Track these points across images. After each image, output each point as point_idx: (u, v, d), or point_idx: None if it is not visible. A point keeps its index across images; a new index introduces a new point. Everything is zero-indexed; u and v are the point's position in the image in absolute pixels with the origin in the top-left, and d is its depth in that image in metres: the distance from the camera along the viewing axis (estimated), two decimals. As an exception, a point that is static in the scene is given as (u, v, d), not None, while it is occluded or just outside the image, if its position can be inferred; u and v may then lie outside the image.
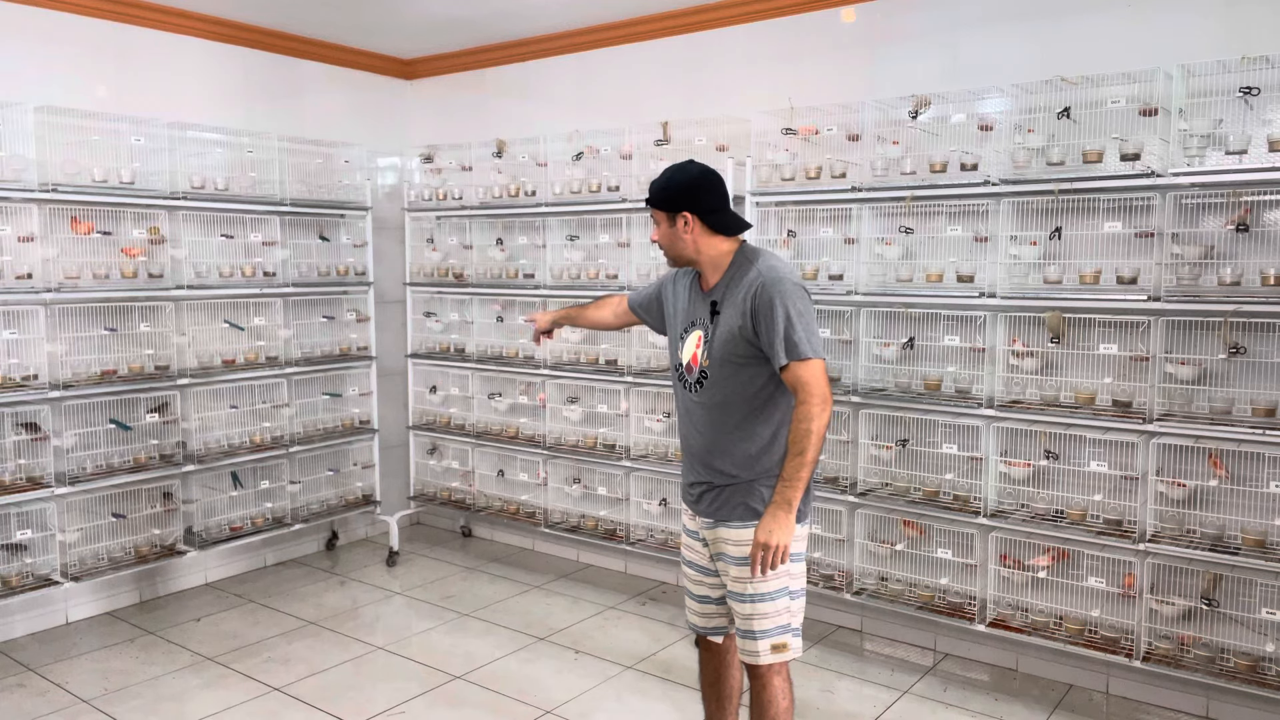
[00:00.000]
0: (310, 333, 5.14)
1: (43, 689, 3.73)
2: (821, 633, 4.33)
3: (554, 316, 3.29)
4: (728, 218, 2.62)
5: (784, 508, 2.42)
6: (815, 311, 2.53)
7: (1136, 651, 3.38)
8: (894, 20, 4.12)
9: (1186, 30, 3.46)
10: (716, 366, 2.57)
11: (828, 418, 2.44)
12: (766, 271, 2.51)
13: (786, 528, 2.40)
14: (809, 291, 2.53)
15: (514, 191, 5.01)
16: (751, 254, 2.61)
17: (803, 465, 2.42)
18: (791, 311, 2.44)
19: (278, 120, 5.08)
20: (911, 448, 3.93)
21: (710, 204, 2.60)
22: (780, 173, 4.12)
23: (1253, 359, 3.26)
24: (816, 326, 2.49)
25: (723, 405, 2.58)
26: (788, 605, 2.58)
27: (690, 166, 2.66)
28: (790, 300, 2.45)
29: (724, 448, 2.60)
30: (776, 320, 2.44)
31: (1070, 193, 3.47)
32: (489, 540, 5.79)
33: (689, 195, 2.59)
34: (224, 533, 4.67)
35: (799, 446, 2.42)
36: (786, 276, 2.50)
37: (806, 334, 2.43)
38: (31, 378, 3.99)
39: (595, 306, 3.22)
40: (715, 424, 2.61)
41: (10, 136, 3.87)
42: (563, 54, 5.23)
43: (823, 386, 2.43)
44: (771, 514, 2.42)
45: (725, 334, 2.54)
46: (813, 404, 2.41)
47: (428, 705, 3.62)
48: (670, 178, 2.64)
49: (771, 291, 2.46)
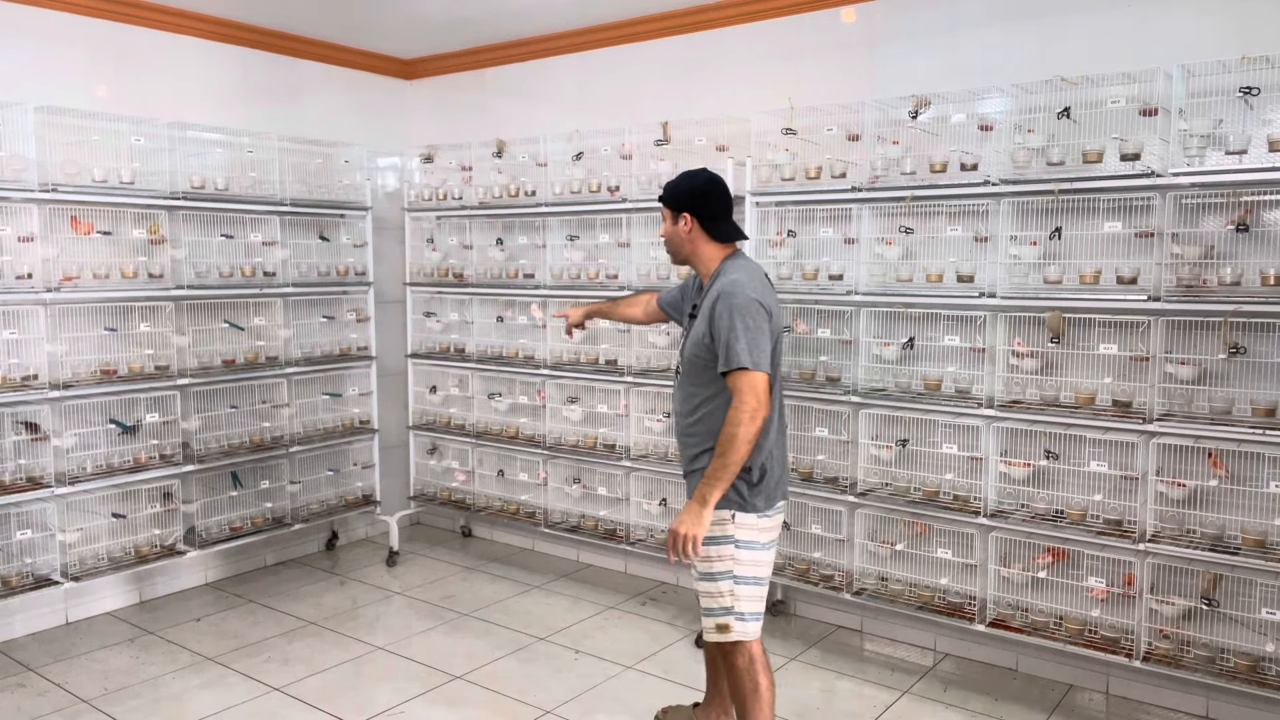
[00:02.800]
0: (310, 333, 5.14)
1: (43, 689, 3.73)
2: (821, 633, 4.33)
3: (586, 311, 3.55)
4: (725, 226, 2.85)
5: (698, 501, 2.63)
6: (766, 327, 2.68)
7: (1136, 651, 3.38)
8: (894, 20, 4.12)
9: (1186, 30, 3.46)
10: (686, 363, 2.87)
11: (756, 427, 2.61)
12: (728, 284, 2.72)
13: (696, 519, 2.62)
14: (766, 305, 2.71)
15: (514, 191, 5.01)
16: (730, 265, 2.83)
17: (723, 466, 2.61)
18: (738, 324, 2.63)
19: (277, 120, 5.08)
20: (911, 448, 3.93)
21: (711, 211, 2.83)
22: (780, 173, 4.12)
23: (1253, 359, 3.26)
24: (763, 342, 2.65)
25: (687, 399, 2.86)
26: (731, 589, 2.77)
27: (701, 173, 2.91)
28: (738, 313, 2.64)
29: (685, 432, 2.88)
30: (723, 330, 2.65)
31: (1070, 193, 3.47)
32: (489, 540, 5.79)
33: (693, 199, 2.84)
34: (224, 533, 4.67)
35: (722, 448, 2.62)
36: (742, 291, 2.68)
37: (748, 347, 2.61)
38: (31, 378, 3.99)
39: (627, 303, 3.48)
40: (682, 414, 2.90)
41: (10, 136, 3.87)
42: (563, 54, 5.23)
43: (754, 396, 2.60)
44: (687, 505, 2.66)
45: (695, 335, 2.81)
46: (742, 410, 2.60)
47: (428, 705, 3.62)
48: (680, 180, 2.90)
49: (727, 303, 2.67)
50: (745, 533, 2.76)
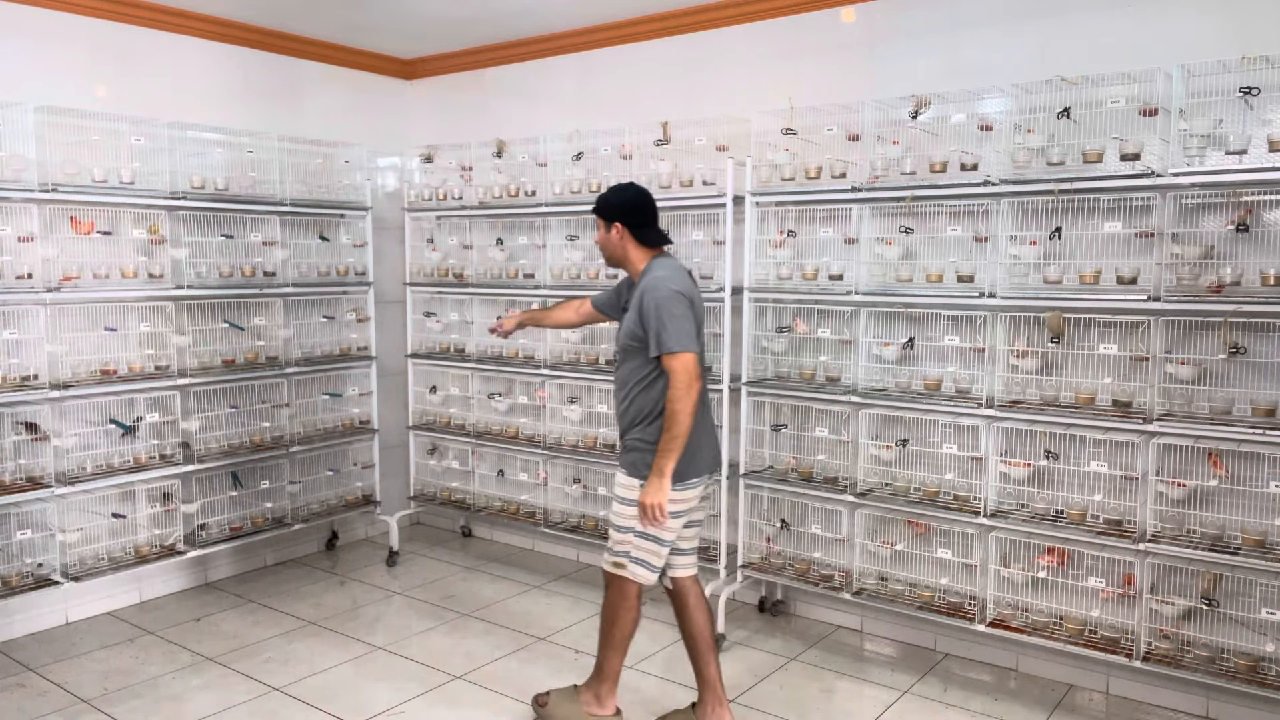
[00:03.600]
0: (310, 333, 5.14)
1: (43, 689, 3.73)
2: (821, 633, 4.33)
3: (519, 319, 3.83)
4: (651, 233, 3.26)
5: (658, 474, 3.03)
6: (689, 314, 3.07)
7: (1136, 651, 3.39)
8: (894, 20, 4.12)
9: (1186, 30, 3.46)
10: (620, 352, 3.25)
11: (692, 400, 3.00)
12: (652, 281, 3.11)
13: (658, 489, 3.03)
14: (688, 296, 3.10)
15: (514, 191, 5.01)
16: (656, 264, 3.21)
17: (672, 438, 3.00)
18: (664, 314, 3.02)
19: (277, 120, 5.09)
20: (911, 448, 3.93)
21: (638, 220, 3.23)
22: (780, 173, 4.12)
23: (1253, 359, 3.26)
24: (687, 327, 3.05)
25: (622, 383, 3.24)
26: (632, 539, 3.17)
27: (630, 188, 3.31)
28: (663, 305, 3.03)
29: (624, 413, 3.23)
30: (651, 320, 3.04)
31: (1070, 193, 3.47)
32: (489, 540, 5.79)
33: (622, 210, 3.23)
34: (224, 533, 4.67)
35: (668, 423, 3.01)
36: (665, 285, 3.07)
37: (675, 333, 3.01)
38: (31, 378, 3.99)
39: (559, 309, 3.77)
40: (618, 397, 3.27)
41: (10, 136, 3.86)
42: (563, 54, 5.23)
43: (686, 374, 3.00)
44: (650, 479, 3.05)
45: (626, 326, 3.19)
46: (678, 388, 2.99)
47: (428, 705, 3.62)
48: (611, 194, 3.28)
49: (653, 296, 3.06)
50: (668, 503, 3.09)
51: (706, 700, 3.32)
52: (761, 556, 4.32)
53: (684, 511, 3.18)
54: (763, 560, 4.31)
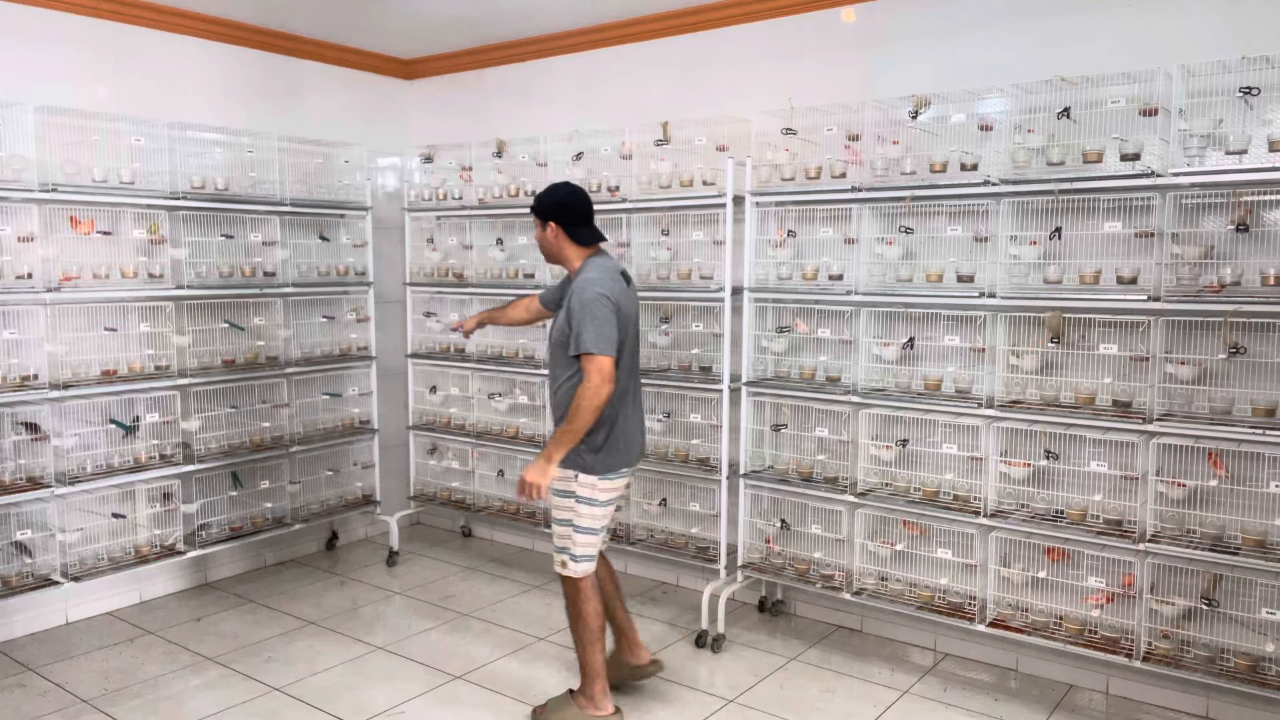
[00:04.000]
0: (310, 333, 5.14)
1: (43, 689, 3.73)
2: (821, 633, 4.33)
3: (478, 319, 4.00)
4: (585, 231, 3.33)
5: (544, 458, 3.18)
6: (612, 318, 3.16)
7: (1136, 651, 3.38)
8: (894, 20, 4.12)
9: (1186, 30, 3.46)
10: (553, 347, 3.36)
11: (599, 400, 3.11)
12: (581, 282, 3.22)
13: (541, 472, 3.17)
14: (613, 299, 3.19)
15: (514, 191, 5.01)
16: (589, 264, 3.30)
17: (567, 430, 3.15)
18: (586, 316, 3.13)
19: (277, 120, 5.09)
20: (911, 448, 3.93)
21: (572, 219, 3.30)
22: (780, 173, 4.12)
23: (1253, 359, 3.25)
24: (608, 331, 3.14)
25: (554, 378, 3.35)
26: (569, 534, 3.31)
27: (563, 186, 3.39)
28: (586, 307, 3.14)
29: (554, 409, 3.36)
30: (575, 321, 3.15)
31: (1070, 193, 3.47)
32: (489, 540, 5.79)
33: (556, 209, 3.31)
34: (224, 533, 4.67)
35: (569, 416, 3.15)
36: (591, 288, 3.18)
37: (594, 336, 3.11)
38: (31, 378, 3.99)
39: (513, 306, 3.89)
40: (552, 390, 3.39)
41: (10, 136, 3.86)
42: (563, 54, 5.23)
43: (599, 375, 3.11)
44: (537, 460, 3.19)
45: (558, 324, 3.31)
46: (588, 386, 3.11)
47: (428, 705, 3.62)
48: (546, 194, 3.36)
49: (579, 298, 3.17)
50: (585, 490, 3.28)
51: (623, 647, 3.66)
52: (761, 556, 4.32)
53: (614, 499, 3.37)
54: (763, 560, 4.31)
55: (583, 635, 3.38)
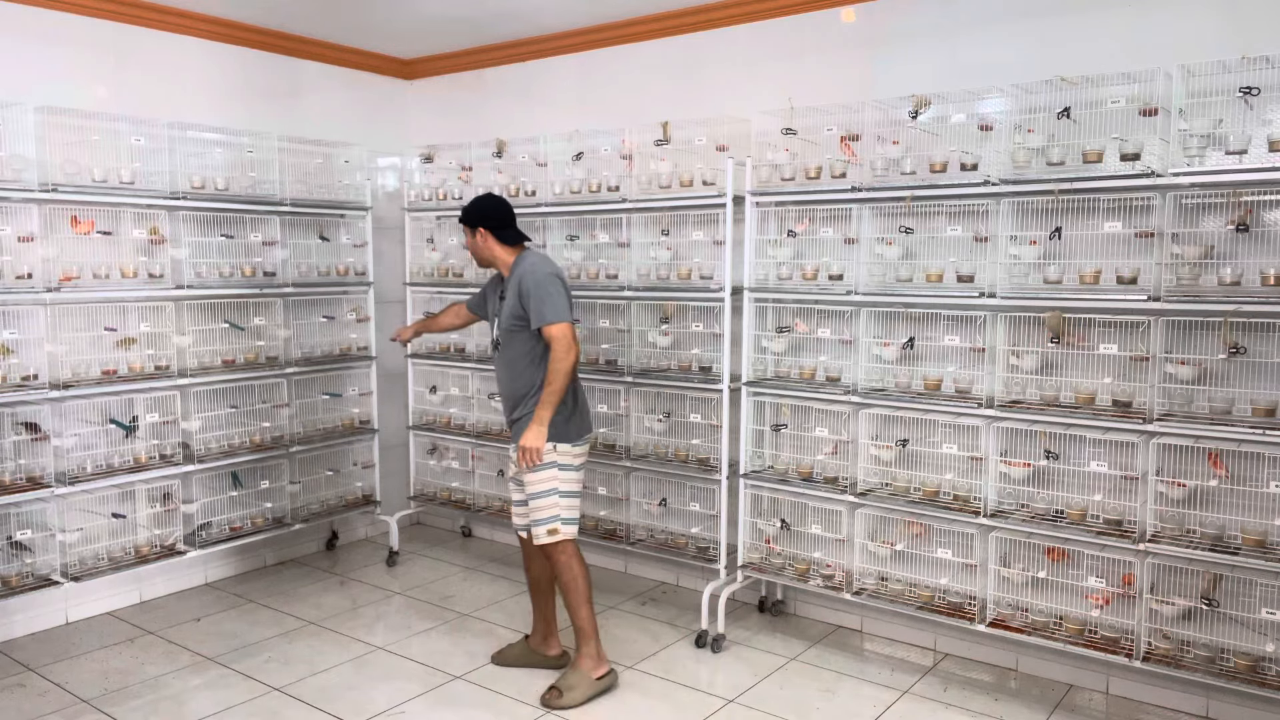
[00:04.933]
0: (310, 333, 5.14)
1: (43, 689, 3.73)
2: (821, 633, 4.33)
3: (415, 328, 4.39)
4: (511, 233, 3.71)
5: (537, 421, 3.49)
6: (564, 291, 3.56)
7: (1136, 651, 3.38)
8: (894, 20, 4.12)
9: (1186, 30, 3.46)
10: (504, 334, 3.67)
11: (571, 361, 3.48)
12: (528, 269, 3.58)
13: (538, 435, 3.48)
14: (561, 278, 3.61)
15: (514, 191, 5.01)
16: (524, 258, 3.66)
17: (552, 392, 3.47)
18: (541, 292, 3.50)
19: (277, 120, 5.09)
20: (911, 448, 3.93)
21: (496, 224, 3.68)
22: (780, 173, 4.12)
23: (1253, 359, 3.25)
24: (563, 302, 3.53)
25: (510, 364, 3.66)
26: (556, 501, 3.58)
27: (488, 197, 3.78)
28: (540, 285, 3.51)
29: (515, 390, 3.66)
30: (532, 299, 3.51)
31: (1070, 193, 3.47)
32: (489, 540, 5.79)
33: (482, 216, 3.69)
34: (224, 533, 4.67)
35: (549, 380, 3.48)
36: (540, 270, 3.57)
37: (552, 307, 3.49)
38: (31, 378, 3.99)
39: (443, 313, 4.26)
40: (506, 378, 3.70)
41: (10, 136, 3.86)
42: (563, 54, 5.23)
43: (566, 339, 3.48)
44: (530, 426, 3.50)
45: (507, 312, 3.61)
46: (558, 350, 3.47)
47: (428, 705, 3.62)
48: (473, 204, 3.73)
49: (531, 279, 3.54)
50: (564, 458, 3.59)
51: (538, 632, 3.91)
52: (761, 556, 4.32)
53: (581, 465, 3.68)
54: (763, 560, 4.31)
55: (577, 597, 3.61)
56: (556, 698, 3.55)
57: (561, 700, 3.54)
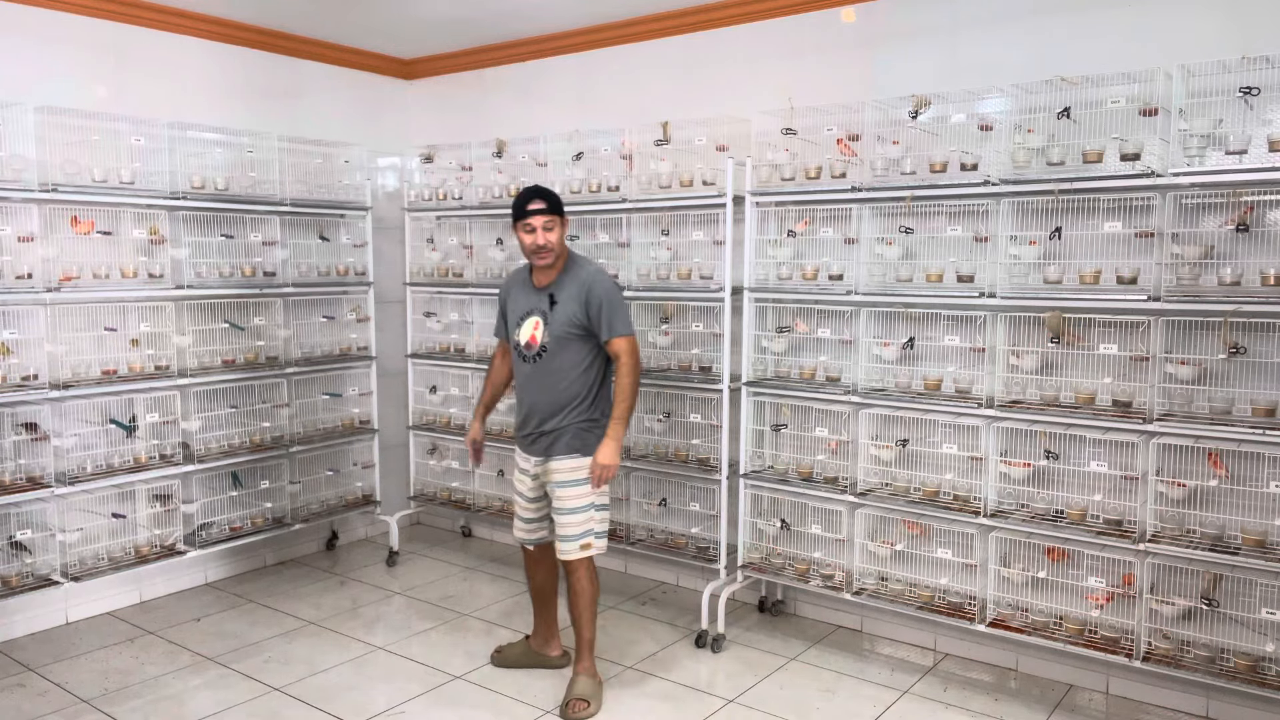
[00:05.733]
0: (310, 333, 5.14)
1: (43, 689, 3.73)
2: (821, 633, 4.33)
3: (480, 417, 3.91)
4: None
5: (615, 440, 3.44)
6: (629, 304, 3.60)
7: (1136, 651, 3.38)
8: (894, 20, 4.12)
9: (1186, 30, 3.46)
10: (555, 341, 3.47)
11: (638, 375, 3.46)
12: (593, 273, 3.50)
13: (615, 454, 3.45)
14: (621, 289, 3.62)
15: (514, 191, 5.00)
16: (580, 260, 3.55)
17: (627, 410, 3.45)
18: (613, 303, 3.43)
19: (278, 120, 5.09)
20: (911, 448, 3.93)
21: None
22: (780, 173, 4.12)
23: (1253, 359, 3.25)
24: (629, 315, 3.49)
25: (557, 370, 3.47)
26: (592, 515, 3.51)
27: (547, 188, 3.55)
28: (611, 295, 3.45)
29: (556, 400, 3.48)
30: (604, 309, 3.41)
31: (1070, 193, 3.47)
32: (489, 540, 5.79)
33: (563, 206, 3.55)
34: (224, 533, 4.67)
35: (627, 395, 3.43)
36: (607, 279, 3.51)
37: (623, 319, 3.44)
38: (31, 378, 3.99)
39: (494, 374, 3.92)
40: (550, 383, 3.48)
41: (10, 136, 3.86)
42: (563, 54, 5.23)
43: (637, 354, 3.47)
44: (606, 444, 3.43)
45: (564, 318, 3.44)
46: (630, 364, 3.42)
47: (428, 705, 3.62)
48: (549, 192, 3.48)
49: (601, 290, 3.43)
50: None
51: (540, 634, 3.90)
52: (761, 556, 4.32)
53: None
54: (763, 560, 4.31)
55: (590, 611, 3.58)
56: (584, 709, 3.48)
57: (589, 710, 3.49)
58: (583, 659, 3.61)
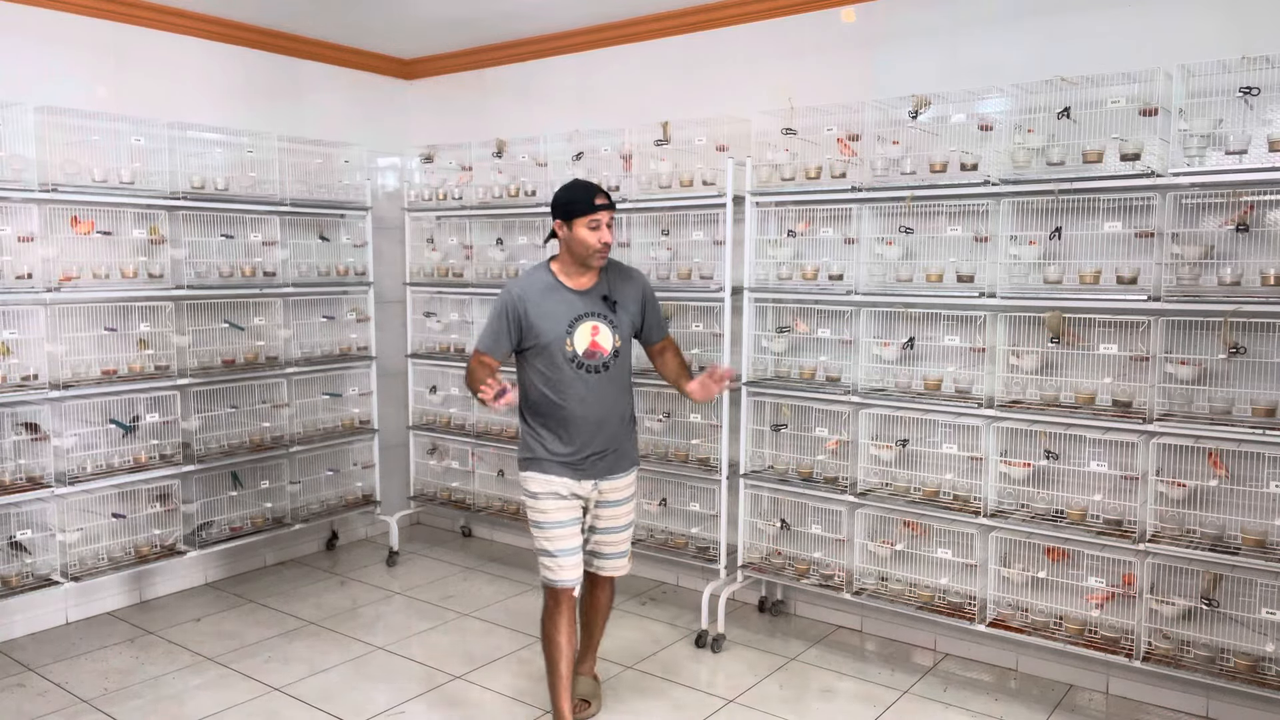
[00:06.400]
0: (310, 333, 5.14)
1: (43, 689, 3.73)
2: (821, 633, 4.33)
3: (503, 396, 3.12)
4: None
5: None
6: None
7: (1136, 651, 3.38)
8: (894, 20, 4.12)
9: (1186, 30, 3.46)
10: (614, 355, 3.15)
11: None
12: (640, 273, 3.35)
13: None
14: None
15: (514, 191, 5.01)
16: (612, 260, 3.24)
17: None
18: (657, 303, 3.36)
19: (278, 120, 5.08)
20: (911, 448, 3.93)
21: None
22: (780, 173, 4.12)
23: (1253, 359, 3.25)
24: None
25: (619, 380, 3.20)
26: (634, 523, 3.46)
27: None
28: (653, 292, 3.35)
29: (622, 413, 3.25)
30: (657, 308, 3.34)
31: (1070, 193, 3.47)
32: (489, 540, 5.79)
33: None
34: (224, 533, 4.67)
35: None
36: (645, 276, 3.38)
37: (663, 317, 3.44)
38: (31, 378, 3.99)
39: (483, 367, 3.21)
40: (613, 398, 3.20)
41: (10, 136, 3.86)
42: (563, 54, 5.23)
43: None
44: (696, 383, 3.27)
45: (628, 322, 3.20)
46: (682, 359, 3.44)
47: (428, 705, 3.62)
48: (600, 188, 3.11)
49: (650, 290, 3.33)
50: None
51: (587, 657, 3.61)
52: (761, 556, 4.32)
53: None
54: (763, 560, 4.31)
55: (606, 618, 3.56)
56: (585, 709, 3.50)
57: (589, 710, 3.51)
58: (587, 660, 3.61)
